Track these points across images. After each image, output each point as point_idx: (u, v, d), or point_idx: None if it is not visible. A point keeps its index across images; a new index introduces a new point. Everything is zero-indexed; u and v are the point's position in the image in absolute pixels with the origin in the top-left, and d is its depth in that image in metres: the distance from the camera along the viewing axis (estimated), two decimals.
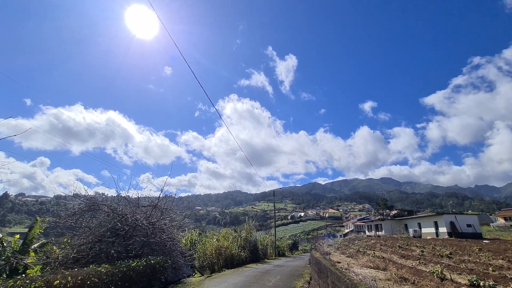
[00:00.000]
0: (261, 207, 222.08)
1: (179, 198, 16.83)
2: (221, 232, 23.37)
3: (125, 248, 9.37)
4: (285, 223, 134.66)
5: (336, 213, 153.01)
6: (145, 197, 12.66)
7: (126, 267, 7.40)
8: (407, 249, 18.16)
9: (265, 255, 26.82)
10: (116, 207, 10.57)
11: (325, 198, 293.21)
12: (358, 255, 12.98)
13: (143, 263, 8.13)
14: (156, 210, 11.60)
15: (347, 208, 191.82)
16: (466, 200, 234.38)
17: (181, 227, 14.32)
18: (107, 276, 6.68)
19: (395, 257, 13.83)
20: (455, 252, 16.15)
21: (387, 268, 9.10)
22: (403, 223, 44.99)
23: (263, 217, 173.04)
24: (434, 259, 13.49)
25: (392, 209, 75.19)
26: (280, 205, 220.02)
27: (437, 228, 36.12)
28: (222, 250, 18.32)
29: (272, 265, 19.98)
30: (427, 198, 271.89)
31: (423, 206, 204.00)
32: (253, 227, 26.50)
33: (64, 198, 11.41)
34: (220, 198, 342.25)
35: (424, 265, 11.32)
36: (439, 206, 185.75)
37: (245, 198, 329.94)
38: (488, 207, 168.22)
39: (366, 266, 9.46)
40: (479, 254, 15.26)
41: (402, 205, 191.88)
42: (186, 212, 16.69)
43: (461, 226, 34.60)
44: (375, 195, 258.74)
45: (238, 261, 19.58)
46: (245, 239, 22.77)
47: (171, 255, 11.19)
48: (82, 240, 9.30)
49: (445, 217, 35.63)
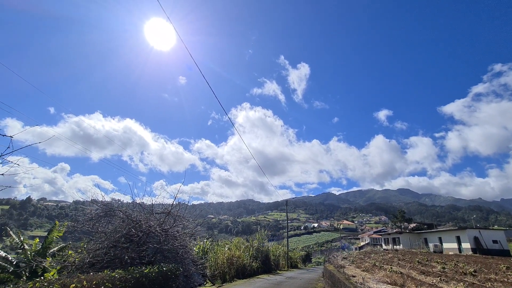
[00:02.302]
0: (274, 217, 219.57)
1: (191, 205, 17.00)
2: (233, 241, 23.22)
3: (138, 254, 9.49)
4: (298, 234, 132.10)
5: (351, 225, 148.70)
6: (159, 204, 12.83)
7: (139, 274, 7.47)
8: (427, 265, 17.26)
9: (277, 266, 26.32)
10: (131, 213, 10.79)
11: (339, 208, 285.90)
12: (374, 270, 12.46)
13: (155, 270, 8.18)
14: (169, 217, 11.72)
15: (362, 220, 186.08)
16: (491, 214, 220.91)
17: (193, 235, 14.35)
18: (120, 282, 6.77)
19: (414, 273, 13.16)
20: (480, 270, 15.19)
21: (405, 284, 8.68)
22: (422, 237, 43.00)
23: (276, 227, 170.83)
24: (457, 276, 12.72)
25: (411, 222, 72.13)
26: (292, 215, 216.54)
27: (459, 243, 34.26)
28: (234, 260, 18.15)
29: (284, 277, 19.54)
30: (448, 211, 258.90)
31: (444, 219, 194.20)
32: (265, 236, 26.18)
33: (82, 203, 11.78)
34: (232, 206, 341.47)
35: (445, 282, 10.70)
36: (462, 220, 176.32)
37: (257, 207, 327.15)
38: None
39: (383, 282, 9.06)
40: (506, 273, 14.26)
41: (421, 218, 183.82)
42: (199, 220, 16.76)
43: (486, 242, 32.63)
44: (392, 206, 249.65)
45: (249, 271, 19.32)
46: (257, 249, 22.51)
47: (183, 263, 11.20)
48: (97, 245, 9.51)
49: (469, 232, 33.78)
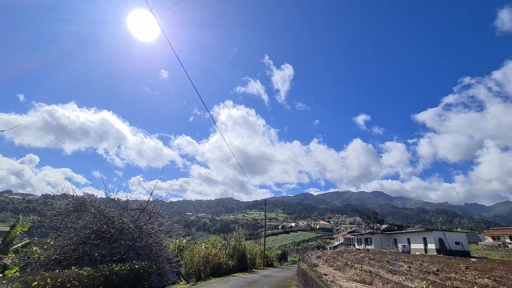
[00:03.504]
0: (253, 216, 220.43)
1: (169, 203, 16.61)
2: (210, 240, 23.08)
3: (109, 252, 9.18)
4: (275, 233, 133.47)
5: (327, 225, 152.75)
6: (134, 200, 12.47)
7: (109, 271, 7.24)
8: (395, 264, 18.17)
9: (253, 264, 26.49)
10: (104, 209, 10.39)
11: (316, 209, 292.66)
12: (346, 268, 12.94)
13: (127, 268, 7.97)
14: (144, 213, 11.43)
15: (338, 220, 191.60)
16: (456, 217, 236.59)
17: (169, 233, 14.12)
18: (88, 280, 6.53)
19: (382, 272, 13.82)
20: (442, 269, 16.22)
21: (373, 282, 9.10)
22: (392, 237, 45.08)
23: (254, 226, 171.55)
24: (421, 275, 13.52)
25: (383, 223, 75.59)
26: (271, 215, 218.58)
27: (426, 244, 36.32)
28: (210, 258, 18.05)
29: (259, 275, 19.72)
30: (417, 213, 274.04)
31: (413, 221, 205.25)
32: (243, 235, 26.25)
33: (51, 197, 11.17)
34: (211, 204, 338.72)
35: (410, 281, 11.34)
36: (429, 222, 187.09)
37: (237, 206, 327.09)
38: (477, 225, 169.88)
39: (353, 280, 9.43)
40: (465, 272, 15.34)
41: (392, 219, 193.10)
42: (176, 218, 16.49)
43: (449, 243, 34.87)
44: (367, 208, 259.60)
45: (225, 269, 19.30)
46: (234, 248, 22.53)
47: (156, 261, 10.98)
48: (66, 241, 9.07)
49: (434, 234, 35.92)
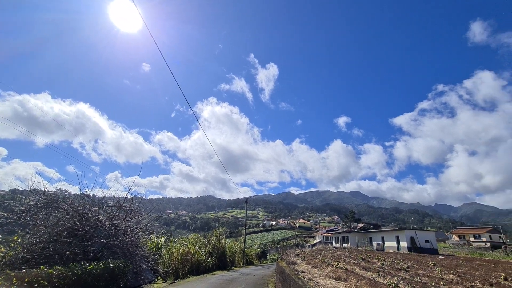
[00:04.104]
0: (234, 214, 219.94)
1: (148, 200, 16.23)
2: (190, 238, 22.80)
3: (82, 250, 8.83)
4: (256, 231, 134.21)
5: (306, 224, 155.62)
6: (111, 197, 12.04)
7: (81, 270, 6.97)
8: (369, 262, 18.93)
9: (232, 262, 26.50)
10: (78, 205, 9.97)
11: (297, 208, 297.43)
12: (323, 266, 13.31)
13: (101, 266, 7.71)
14: (121, 211, 11.11)
15: (317, 219, 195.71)
16: (426, 217, 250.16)
17: (147, 230, 13.79)
18: (58, 279, 6.25)
19: (357, 269, 14.35)
20: (412, 266, 17.12)
21: (348, 279, 9.44)
22: (368, 236, 46.79)
23: (235, 224, 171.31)
24: (393, 272, 14.19)
25: (359, 222, 78.30)
26: (252, 213, 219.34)
27: (398, 242, 38.06)
28: (189, 256, 17.83)
29: (238, 273, 19.79)
30: (391, 213, 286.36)
31: (388, 220, 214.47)
32: (223, 233, 26.15)
33: (20, 192, 10.54)
34: (192, 202, 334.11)
35: (382, 277, 11.87)
36: (402, 222, 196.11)
37: (218, 204, 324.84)
38: (445, 225, 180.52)
39: (329, 277, 9.73)
40: (433, 269, 16.29)
41: (368, 218, 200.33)
42: (155, 215, 16.14)
43: (420, 241, 36.80)
44: (345, 207, 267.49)
45: (204, 268, 19.16)
46: (214, 246, 22.40)
47: (133, 259, 10.70)
48: (35, 239, 8.61)
49: (406, 233, 37.73)
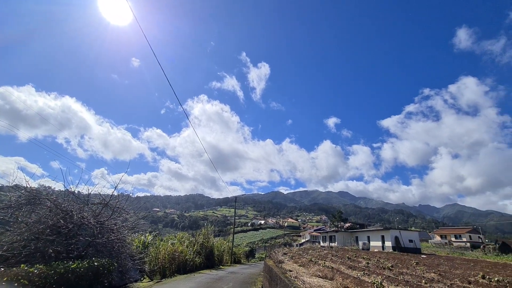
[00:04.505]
0: (223, 212, 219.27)
1: (135, 197, 15.94)
2: (177, 236, 22.60)
3: (66, 248, 8.60)
4: (244, 230, 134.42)
5: (295, 223, 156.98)
6: (97, 194, 11.77)
7: (64, 269, 6.79)
8: (355, 261, 19.31)
9: (220, 261, 26.44)
10: (61, 202, 9.69)
11: (286, 207, 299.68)
12: (310, 265, 13.48)
13: (85, 265, 7.52)
14: (107, 208, 10.87)
15: (305, 218, 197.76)
16: (411, 217, 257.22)
17: (134, 229, 13.56)
18: (40, 278, 6.07)
19: (343, 268, 14.62)
20: (396, 265, 17.59)
21: (334, 278, 9.60)
22: (354, 235, 47.61)
23: (224, 223, 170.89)
24: (377, 270, 14.53)
25: (346, 222, 79.63)
26: (241, 212, 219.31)
27: (383, 242, 38.96)
28: (176, 255, 17.67)
29: (226, 272, 19.77)
30: (378, 213, 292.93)
31: (374, 220, 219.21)
32: (212, 232, 26.05)
33: (1, 188, 10.18)
34: (180, 200, 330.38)
35: (367, 276, 12.14)
36: (388, 222, 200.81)
37: (207, 202, 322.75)
38: (428, 225, 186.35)
39: (315, 275, 9.87)
40: (416, 268, 16.79)
41: (355, 218, 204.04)
42: (142, 213, 15.91)
43: (404, 241, 37.81)
44: (332, 207, 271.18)
45: (191, 266, 19.04)
46: (202, 245, 22.28)
47: (118, 258, 10.51)
48: (15, 236, 8.31)
49: (391, 232, 38.67)
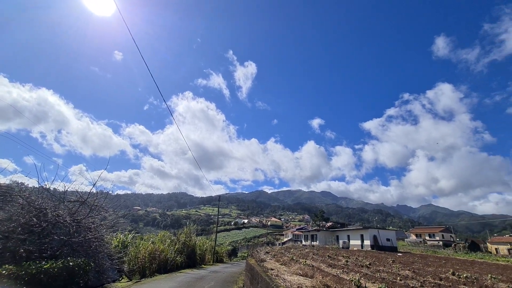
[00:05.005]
0: (206, 211, 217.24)
1: (115, 195, 15.41)
2: (159, 235, 22.22)
3: (38, 247, 8.21)
4: (227, 229, 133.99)
5: (278, 222, 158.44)
6: (74, 191, 11.30)
7: (36, 269, 6.49)
8: (335, 259, 19.79)
9: (202, 260, 26.24)
10: (35, 199, 9.23)
11: (269, 206, 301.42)
12: (291, 263, 13.67)
13: (59, 265, 7.22)
14: (85, 206, 10.48)
15: (288, 217, 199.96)
16: (389, 217, 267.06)
17: (113, 227, 13.16)
18: (9, 279, 5.77)
19: (323, 266, 14.95)
20: (373, 263, 18.20)
21: (314, 276, 9.80)
22: (335, 234, 48.75)
23: (207, 222, 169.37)
24: (356, 268, 14.98)
25: (328, 221, 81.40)
26: (225, 211, 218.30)
27: (362, 240, 40.21)
28: (157, 254, 17.36)
29: (208, 271, 19.67)
30: (358, 213, 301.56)
31: (354, 220, 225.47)
32: (194, 231, 25.80)
33: None
34: (163, 199, 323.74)
35: (346, 273, 12.49)
36: (367, 221, 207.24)
37: (190, 201, 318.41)
38: (405, 224, 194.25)
39: (296, 274, 10.02)
40: (392, 265, 17.46)
41: (337, 218, 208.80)
42: (122, 211, 15.43)
43: (382, 240, 39.23)
44: (315, 207, 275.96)
45: (172, 266, 18.78)
46: (184, 243, 22.03)
47: (95, 257, 10.17)
48: None
49: (370, 231, 39.99)
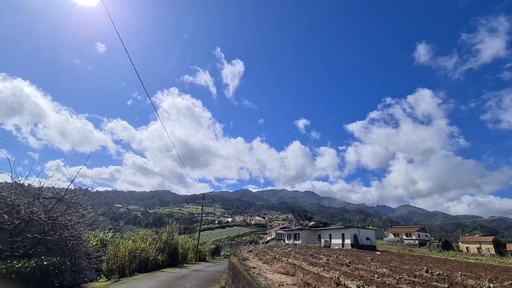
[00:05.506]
0: (189, 210, 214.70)
1: (95, 192, 14.94)
2: (140, 233, 21.70)
3: (10, 246, 7.80)
4: (211, 228, 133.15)
5: (262, 221, 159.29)
6: (50, 187, 10.80)
7: (6, 269, 6.18)
8: (316, 257, 20.18)
9: (184, 259, 25.95)
10: (7, 195, 8.76)
11: (254, 205, 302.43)
12: (273, 262, 13.81)
13: (32, 264, 6.91)
14: (62, 203, 10.06)
15: (272, 217, 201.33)
16: (369, 217, 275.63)
17: (92, 225, 12.72)
18: None
19: (305, 264, 15.21)
20: (353, 261, 18.73)
21: (295, 274, 9.96)
22: (317, 233, 49.65)
23: (190, 220, 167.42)
24: (336, 266, 15.35)
25: (311, 220, 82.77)
26: (209, 209, 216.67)
27: (343, 239, 41.23)
28: (137, 253, 16.98)
29: (190, 270, 19.48)
30: (340, 212, 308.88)
31: (336, 219, 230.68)
32: (177, 229, 25.43)
33: None
34: (145, 196, 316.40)
35: (327, 271, 12.77)
36: (348, 221, 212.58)
37: (173, 199, 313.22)
38: (384, 224, 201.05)
39: (278, 272, 10.14)
40: (370, 264, 18.02)
41: (319, 217, 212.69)
42: (102, 209, 14.98)
43: (362, 239, 40.38)
44: (299, 206, 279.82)
45: (153, 265, 18.43)
46: (166, 242, 21.67)
47: (72, 256, 9.79)
48: None
49: (351, 230, 41.06)
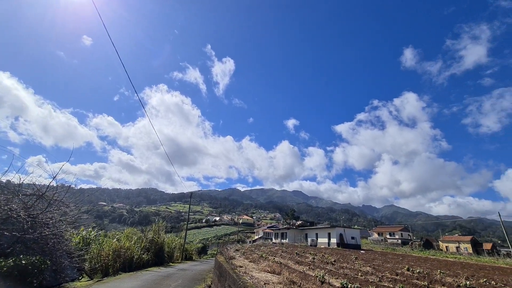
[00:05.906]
0: (177, 208, 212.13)
1: (78, 189, 14.51)
2: (125, 232, 21.31)
3: None
4: (198, 226, 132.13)
5: (250, 220, 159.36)
6: (31, 184, 10.43)
7: None
8: (303, 256, 20.43)
9: (170, 258, 25.68)
10: None
11: (242, 204, 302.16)
12: (260, 260, 13.89)
13: (9, 264, 6.68)
14: (43, 200, 9.75)
15: (260, 216, 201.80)
16: (355, 216, 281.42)
17: (74, 223, 12.38)
18: None
19: (291, 263, 15.38)
20: (338, 260, 19.09)
21: (281, 272, 10.06)
22: (304, 232, 50.17)
23: (177, 219, 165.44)
24: (321, 265, 15.60)
25: (298, 220, 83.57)
26: (196, 208, 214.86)
27: (329, 238, 41.86)
28: (122, 252, 16.67)
29: (176, 269, 19.30)
30: (326, 212, 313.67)
31: (323, 219, 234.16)
32: (163, 228, 25.12)
33: None
34: (131, 194, 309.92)
35: (312, 270, 12.97)
36: (335, 220, 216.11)
37: (160, 197, 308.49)
38: (369, 223, 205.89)
39: (264, 271, 10.22)
40: (354, 262, 18.42)
41: (307, 217, 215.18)
42: (85, 207, 14.59)
43: (347, 238, 41.14)
44: (287, 205, 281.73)
45: (138, 264, 18.15)
46: (151, 241, 21.39)
47: (53, 255, 9.51)
48: None
49: (337, 230, 41.73)
